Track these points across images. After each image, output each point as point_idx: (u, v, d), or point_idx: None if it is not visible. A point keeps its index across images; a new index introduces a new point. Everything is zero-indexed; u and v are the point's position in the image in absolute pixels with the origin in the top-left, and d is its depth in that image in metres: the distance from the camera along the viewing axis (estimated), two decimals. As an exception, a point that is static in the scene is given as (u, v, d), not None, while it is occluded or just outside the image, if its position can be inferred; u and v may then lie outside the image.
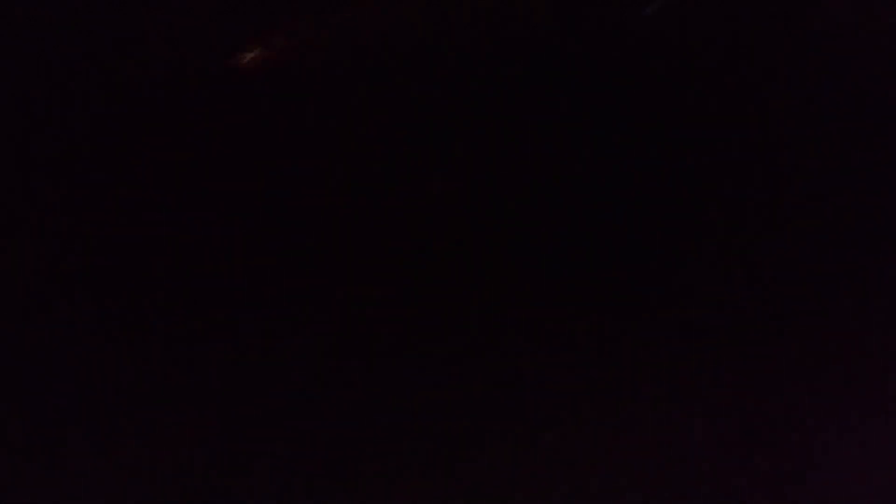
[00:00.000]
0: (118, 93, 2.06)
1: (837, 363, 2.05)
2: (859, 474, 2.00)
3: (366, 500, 2.01)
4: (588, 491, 2.01)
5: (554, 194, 2.11)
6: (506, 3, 2.11)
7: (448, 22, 2.13)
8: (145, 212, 2.05)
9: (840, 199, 2.08)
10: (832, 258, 2.07)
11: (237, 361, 2.04)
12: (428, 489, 2.01)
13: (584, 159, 2.12)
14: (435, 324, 2.07)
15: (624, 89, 2.13)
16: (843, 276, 2.07)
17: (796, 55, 2.12)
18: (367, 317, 2.06)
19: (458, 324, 2.07)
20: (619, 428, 2.05)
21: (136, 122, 2.07)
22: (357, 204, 2.08)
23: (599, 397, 2.05)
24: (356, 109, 2.11)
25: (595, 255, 2.10)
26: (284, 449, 2.01)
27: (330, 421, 2.02)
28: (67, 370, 2.01)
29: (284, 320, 2.06)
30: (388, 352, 2.06)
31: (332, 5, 2.12)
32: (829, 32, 2.10)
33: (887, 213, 2.08)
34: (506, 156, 2.12)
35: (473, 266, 2.09)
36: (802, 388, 2.05)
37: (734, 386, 2.06)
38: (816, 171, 2.10)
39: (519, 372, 2.07)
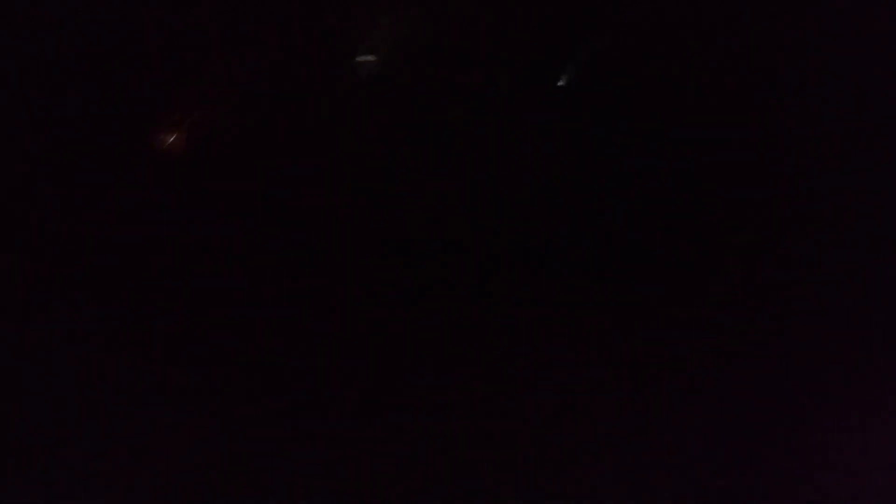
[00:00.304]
0: (118, 92, 2.06)
1: (837, 363, 2.05)
2: (859, 474, 2.00)
3: (366, 499, 2.01)
4: (588, 491, 2.00)
5: (554, 195, 2.11)
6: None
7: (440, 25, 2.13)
8: (145, 212, 2.05)
9: (840, 199, 2.08)
10: (832, 258, 2.07)
11: (237, 361, 2.04)
12: (428, 489, 2.01)
13: (584, 160, 2.12)
14: (435, 324, 2.07)
15: (624, 89, 2.13)
16: (843, 276, 2.07)
17: (793, 56, 2.12)
18: (366, 317, 2.06)
19: (458, 324, 2.07)
20: (618, 428, 2.05)
21: (137, 122, 2.07)
22: (357, 204, 2.08)
23: (599, 397, 2.05)
24: (355, 110, 2.11)
25: (595, 255, 2.10)
26: (284, 449, 2.01)
27: (330, 421, 2.02)
28: (67, 370, 2.01)
29: (285, 320, 2.06)
30: (388, 352, 2.06)
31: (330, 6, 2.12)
32: (830, 32, 2.10)
33: (887, 213, 2.08)
34: (506, 156, 2.12)
35: (474, 267, 2.09)
36: (802, 388, 2.05)
37: (734, 386, 2.06)
38: (816, 171, 2.10)
39: (518, 372, 2.07)
